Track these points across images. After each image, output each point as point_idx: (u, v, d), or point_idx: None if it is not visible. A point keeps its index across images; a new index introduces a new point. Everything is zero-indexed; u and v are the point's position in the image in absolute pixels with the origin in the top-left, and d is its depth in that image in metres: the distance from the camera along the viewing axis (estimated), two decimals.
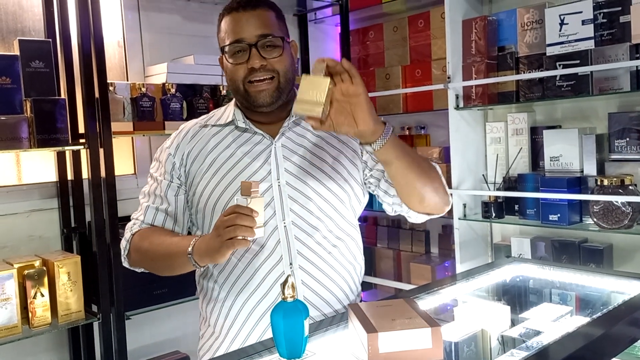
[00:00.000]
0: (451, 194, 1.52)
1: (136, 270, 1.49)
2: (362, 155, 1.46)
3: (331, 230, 1.41)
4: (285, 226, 1.37)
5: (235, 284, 1.38)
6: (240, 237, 1.16)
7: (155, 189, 1.46)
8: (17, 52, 1.89)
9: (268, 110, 1.40)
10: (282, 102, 1.41)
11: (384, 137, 1.22)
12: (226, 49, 1.37)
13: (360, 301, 1.51)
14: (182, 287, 2.24)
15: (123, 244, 1.45)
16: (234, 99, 1.48)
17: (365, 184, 1.48)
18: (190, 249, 1.26)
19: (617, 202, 2.04)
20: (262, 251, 1.37)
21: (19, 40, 1.91)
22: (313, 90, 1.16)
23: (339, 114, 1.19)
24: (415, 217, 1.45)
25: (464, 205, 2.53)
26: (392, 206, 1.45)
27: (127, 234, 1.45)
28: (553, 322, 1.22)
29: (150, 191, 1.47)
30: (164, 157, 1.46)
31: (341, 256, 1.43)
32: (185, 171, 1.44)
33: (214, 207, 1.38)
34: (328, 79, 1.16)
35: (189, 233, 1.51)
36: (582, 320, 1.23)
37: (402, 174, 1.31)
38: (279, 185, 1.38)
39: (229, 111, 1.47)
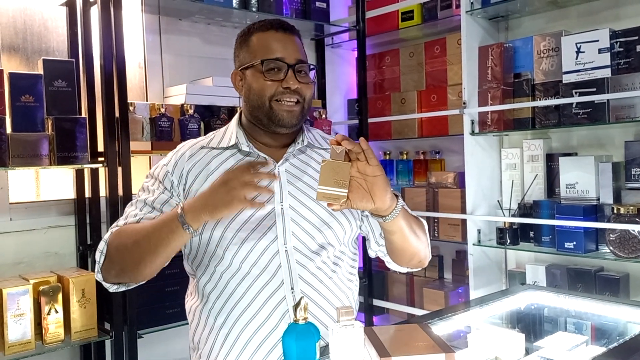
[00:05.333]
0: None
1: (108, 285, 1.37)
2: None
3: (330, 256, 1.40)
4: (286, 250, 1.35)
5: (234, 310, 1.35)
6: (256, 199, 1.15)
7: (147, 199, 1.37)
8: (41, 72, 1.93)
9: (286, 132, 1.40)
10: (298, 126, 1.41)
11: (395, 212, 1.27)
12: (262, 64, 1.35)
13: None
14: None
15: (101, 246, 1.33)
16: (235, 120, 1.46)
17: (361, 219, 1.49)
18: (179, 210, 1.20)
19: (633, 230, 2.02)
20: (262, 275, 1.34)
21: (43, 59, 1.95)
22: (336, 178, 1.16)
23: (356, 190, 1.21)
24: (394, 267, 1.50)
25: (479, 231, 2.52)
26: (376, 252, 1.50)
27: (107, 234, 1.34)
28: (568, 352, 1.21)
29: (139, 200, 1.39)
30: (161, 174, 1.41)
31: (340, 281, 1.43)
32: (184, 190, 1.38)
33: (214, 229, 1.34)
34: (349, 165, 1.18)
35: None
36: (597, 350, 1.21)
37: (400, 241, 1.36)
38: (281, 208, 1.36)
39: (230, 133, 1.44)
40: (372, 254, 1.51)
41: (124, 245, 1.29)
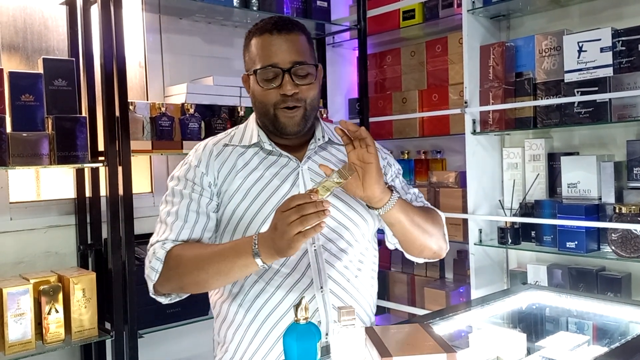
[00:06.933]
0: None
1: (162, 299, 1.37)
2: None
3: (355, 254, 1.42)
4: (315, 250, 1.36)
5: (263, 308, 1.35)
6: (309, 227, 1.12)
7: (190, 206, 1.37)
8: (41, 71, 1.93)
9: (292, 137, 1.41)
10: (307, 129, 1.41)
11: (388, 205, 1.31)
12: (257, 72, 1.34)
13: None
14: (196, 307, 2.24)
15: (155, 265, 1.30)
16: (253, 117, 1.47)
17: None
18: (255, 247, 1.19)
19: (635, 230, 2.02)
20: (292, 274, 1.35)
21: (43, 58, 1.94)
22: (325, 186, 1.20)
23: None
24: (410, 258, 1.51)
25: (480, 231, 2.51)
26: (392, 244, 1.50)
27: (161, 251, 1.31)
28: (570, 352, 1.21)
29: (179, 210, 1.36)
30: (197, 175, 1.39)
31: (364, 279, 1.44)
32: (217, 191, 1.40)
33: (246, 230, 1.36)
34: (338, 185, 1.22)
35: None
36: (599, 350, 1.21)
37: (402, 233, 1.39)
38: None
39: (251, 131, 1.45)
40: (390, 246, 1.51)
41: (188, 270, 1.28)
